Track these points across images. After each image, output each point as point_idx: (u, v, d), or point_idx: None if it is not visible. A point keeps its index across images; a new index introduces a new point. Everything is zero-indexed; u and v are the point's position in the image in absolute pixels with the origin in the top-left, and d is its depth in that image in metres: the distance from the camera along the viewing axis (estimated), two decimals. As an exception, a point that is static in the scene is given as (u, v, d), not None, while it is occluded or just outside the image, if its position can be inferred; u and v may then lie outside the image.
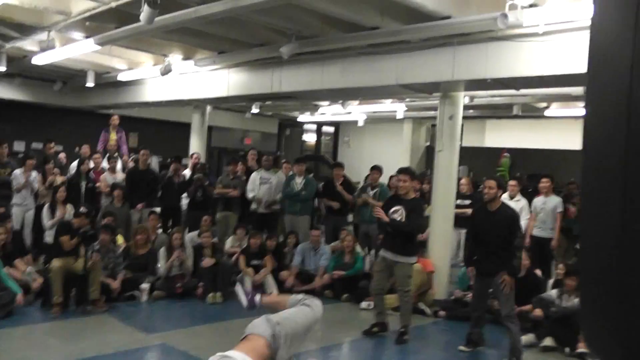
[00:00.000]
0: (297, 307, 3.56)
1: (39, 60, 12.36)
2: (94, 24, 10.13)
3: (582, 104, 13.07)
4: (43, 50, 11.24)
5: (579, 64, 7.66)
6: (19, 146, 18.58)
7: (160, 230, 12.27)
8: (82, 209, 10.10)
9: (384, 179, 12.59)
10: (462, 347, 8.23)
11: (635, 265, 1.09)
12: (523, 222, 11.17)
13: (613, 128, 1.13)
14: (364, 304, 10.17)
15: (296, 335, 3.14)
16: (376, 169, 12.21)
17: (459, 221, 11.53)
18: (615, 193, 1.11)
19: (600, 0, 1.22)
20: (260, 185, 12.64)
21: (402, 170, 8.83)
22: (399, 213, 8.41)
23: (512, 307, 7.85)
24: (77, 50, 11.26)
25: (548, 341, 8.44)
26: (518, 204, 11.37)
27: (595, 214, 1.21)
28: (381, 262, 8.72)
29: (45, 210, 11.34)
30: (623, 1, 1.12)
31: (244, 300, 4.80)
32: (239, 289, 5.04)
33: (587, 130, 1.24)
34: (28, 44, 11.77)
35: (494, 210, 7.86)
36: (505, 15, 7.51)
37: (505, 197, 11.53)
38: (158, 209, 12.51)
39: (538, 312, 8.92)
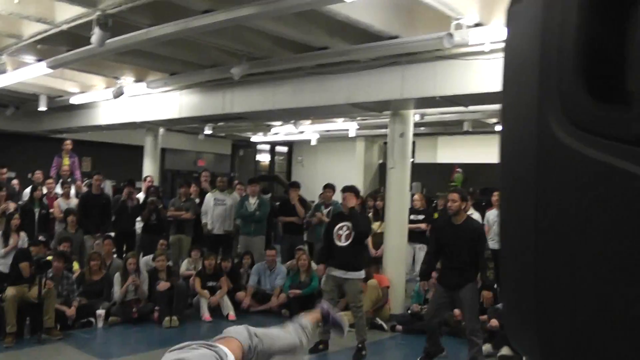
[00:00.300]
0: (283, 329, 3.62)
1: (-10, 84, 12.21)
2: (46, 47, 10.09)
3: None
4: (-5, 74, 11.16)
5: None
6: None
7: (115, 255, 12.21)
8: (41, 238, 9.97)
9: (337, 197, 12.67)
10: None
11: (548, 267, 1.19)
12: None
13: (525, 143, 1.24)
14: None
15: (266, 354, 3.19)
16: (329, 187, 12.29)
17: (413, 236, 11.69)
18: (529, 203, 1.22)
19: (512, 25, 1.33)
20: (214, 206, 12.64)
21: (346, 189, 8.84)
22: (344, 229, 8.48)
23: (478, 321, 7.94)
24: (29, 73, 11.20)
25: (505, 350, 8.49)
26: (472, 216, 11.56)
27: (512, 222, 1.31)
28: (330, 281, 8.74)
29: (-3, 239, 11.13)
30: (530, 28, 1.23)
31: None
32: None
33: (503, 146, 1.34)
34: (-22, 69, 11.65)
35: (459, 223, 7.80)
36: (451, 35, 7.68)
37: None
38: (112, 234, 12.40)
39: (494, 322, 9.05)
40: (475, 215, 11.71)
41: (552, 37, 1.18)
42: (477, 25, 7.86)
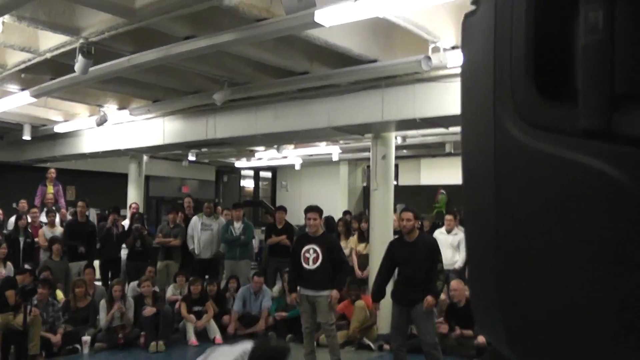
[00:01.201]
0: None
1: (-25, 115, 12.21)
2: (30, 75, 10.16)
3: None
4: (-21, 104, 11.18)
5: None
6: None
7: (99, 283, 12.25)
8: (27, 266, 9.99)
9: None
10: None
11: (509, 260, 1.30)
12: (463, 255, 11.50)
13: (483, 144, 1.35)
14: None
15: None
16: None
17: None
18: (489, 200, 1.32)
19: (467, 37, 1.44)
20: (201, 231, 12.70)
21: (310, 209, 8.73)
22: (311, 252, 8.40)
23: (434, 334, 7.92)
24: (13, 102, 11.24)
25: (493, 366, 8.58)
26: (456, 237, 11.69)
27: (475, 217, 1.41)
28: (304, 302, 8.59)
29: (-17, 270, 11.12)
30: (484, 37, 1.35)
31: None
32: None
33: (463, 150, 1.45)
34: (-38, 99, 11.68)
35: (413, 240, 7.84)
36: (428, 58, 7.84)
37: (442, 230, 11.87)
38: (94, 262, 12.40)
39: (482, 338, 9.10)
40: (460, 235, 11.82)
41: (503, 43, 1.29)
42: (454, 48, 8.01)
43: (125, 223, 13.72)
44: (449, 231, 11.87)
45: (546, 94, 1.22)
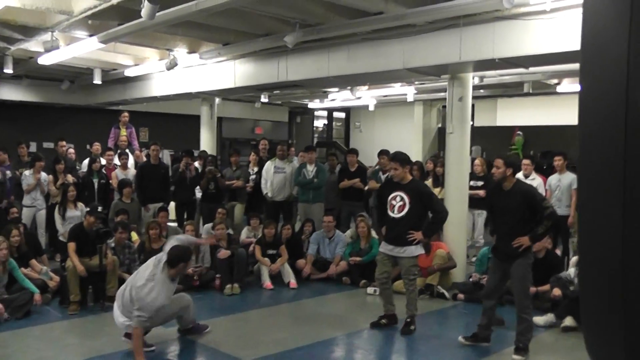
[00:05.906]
0: None
1: (44, 60, 12.45)
2: (97, 22, 10.11)
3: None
4: (48, 50, 11.18)
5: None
6: (31, 147, 18.58)
7: (175, 224, 12.42)
8: (90, 208, 10.05)
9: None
10: (461, 339, 7.72)
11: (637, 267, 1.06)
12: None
13: (611, 109, 1.10)
14: (370, 290, 10.18)
15: None
16: (384, 154, 12.09)
17: (472, 202, 11.46)
18: (616, 183, 1.08)
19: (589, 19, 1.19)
20: (274, 174, 12.65)
21: (391, 158, 8.31)
22: (398, 199, 7.99)
23: (529, 297, 7.40)
24: (81, 48, 11.28)
25: (568, 321, 8.23)
26: (532, 182, 11.29)
27: (595, 206, 1.17)
28: (383, 256, 8.29)
29: (56, 211, 11.30)
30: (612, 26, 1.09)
31: None
32: None
33: (582, 110, 1.20)
34: (33, 45, 11.74)
35: (508, 189, 7.25)
36: (511, -6, 7.43)
37: (519, 176, 11.48)
38: (168, 205, 12.49)
39: (557, 291, 8.80)
40: (537, 181, 11.41)
41: None
42: (538, -17, 7.59)
43: (198, 166, 13.79)
44: (526, 176, 11.42)
45: None
